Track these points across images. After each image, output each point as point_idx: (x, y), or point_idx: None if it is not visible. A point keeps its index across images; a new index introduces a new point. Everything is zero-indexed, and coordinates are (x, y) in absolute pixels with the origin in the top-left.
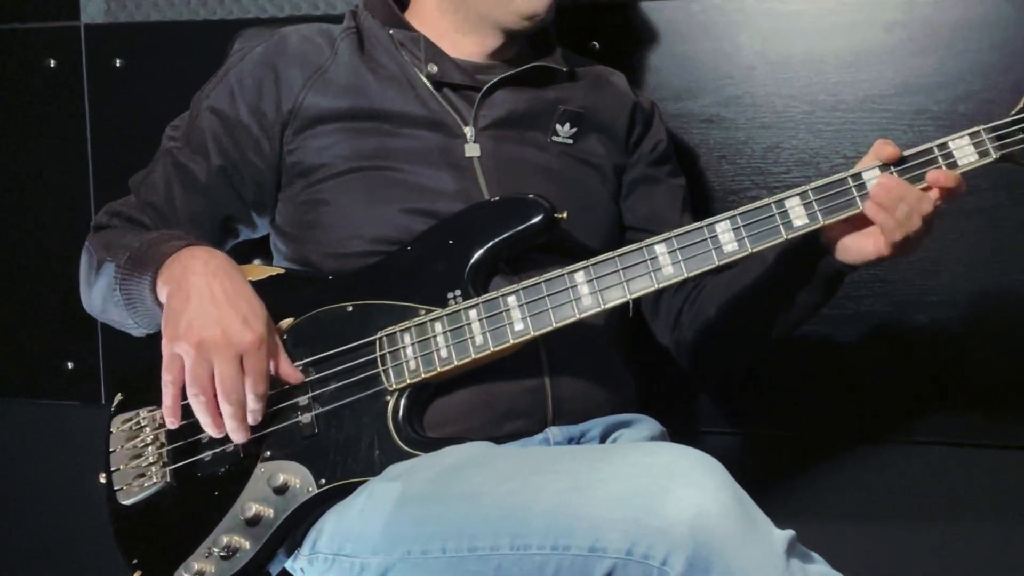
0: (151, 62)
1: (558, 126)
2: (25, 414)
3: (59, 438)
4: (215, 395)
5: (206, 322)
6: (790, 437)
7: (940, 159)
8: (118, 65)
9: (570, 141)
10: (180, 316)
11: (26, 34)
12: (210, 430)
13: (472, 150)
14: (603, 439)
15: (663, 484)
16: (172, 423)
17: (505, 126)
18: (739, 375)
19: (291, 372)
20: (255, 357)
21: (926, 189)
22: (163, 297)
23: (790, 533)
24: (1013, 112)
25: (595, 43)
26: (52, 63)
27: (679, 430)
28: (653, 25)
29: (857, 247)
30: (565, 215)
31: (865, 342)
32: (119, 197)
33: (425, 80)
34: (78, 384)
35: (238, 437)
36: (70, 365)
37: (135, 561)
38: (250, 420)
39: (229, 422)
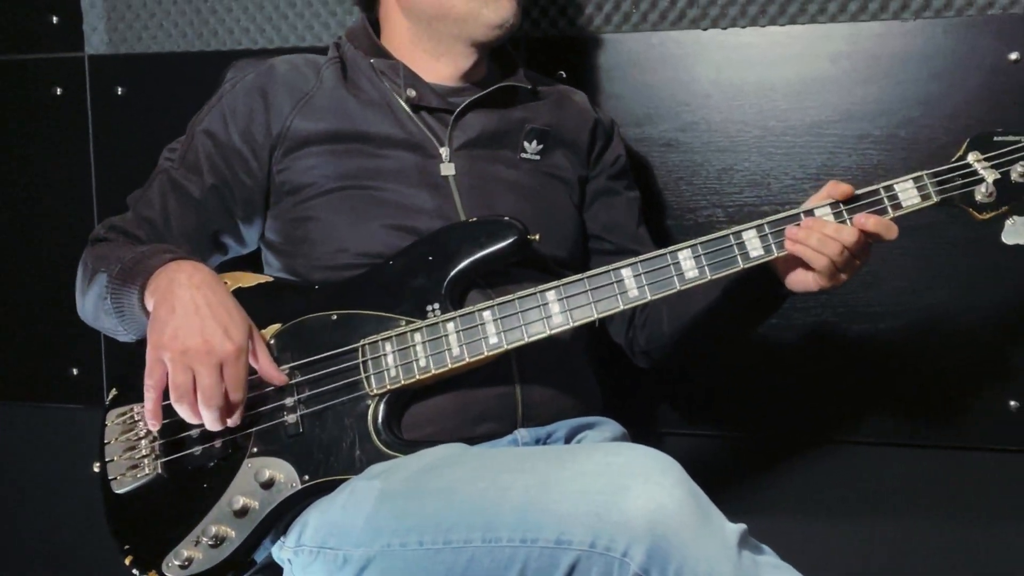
0: (151, 90)
1: (526, 143)
2: (34, 417)
3: (65, 439)
4: (196, 400)
5: (189, 332)
6: (742, 438)
7: (886, 200)
8: (120, 93)
9: (537, 157)
10: (165, 325)
11: (35, 64)
12: (191, 421)
13: (447, 169)
14: (568, 440)
15: (624, 482)
16: (153, 425)
17: (477, 145)
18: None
19: (275, 374)
20: (234, 366)
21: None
22: (150, 307)
23: (741, 527)
24: (953, 160)
25: (562, 72)
26: (59, 91)
27: (639, 431)
28: (616, 56)
29: (802, 280)
30: (537, 237)
31: (812, 350)
32: (121, 213)
33: (404, 104)
34: (82, 389)
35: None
36: (75, 371)
37: (127, 547)
38: (229, 423)
39: (209, 425)
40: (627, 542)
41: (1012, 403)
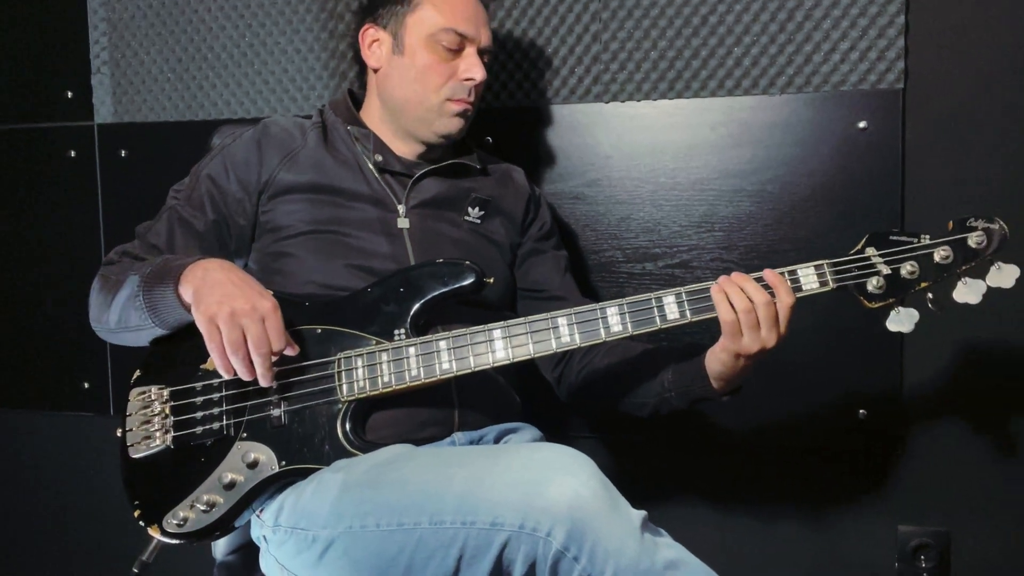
0: (150, 153)
1: (470, 209)
2: (49, 424)
3: (76, 444)
4: (248, 352)
5: (233, 297)
6: (638, 441)
7: (788, 283)
8: (124, 155)
9: (478, 221)
10: (211, 297)
11: (53, 131)
12: (246, 377)
13: (403, 223)
14: (496, 441)
15: (547, 474)
16: (228, 372)
17: (429, 206)
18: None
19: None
20: (273, 319)
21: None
22: (187, 296)
23: (643, 513)
24: (852, 252)
25: (488, 138)
26: (72, 154)
27: (553, 435)
28: (533, 124)
29: (714, 355)
30: (491, 280)
31: None
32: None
33: (372, 166)
34: (92, 400)
35: (266, 382)
36: (86, 384)
37: (136, 502)
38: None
39: (260, 370)
40: (550, 524)
41: (861, 411)
